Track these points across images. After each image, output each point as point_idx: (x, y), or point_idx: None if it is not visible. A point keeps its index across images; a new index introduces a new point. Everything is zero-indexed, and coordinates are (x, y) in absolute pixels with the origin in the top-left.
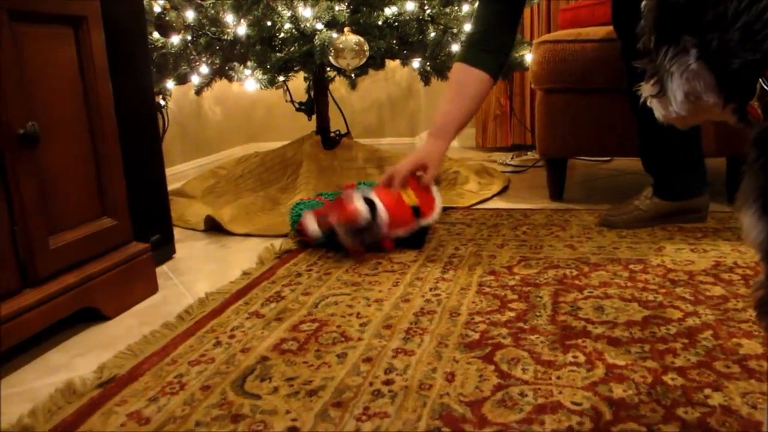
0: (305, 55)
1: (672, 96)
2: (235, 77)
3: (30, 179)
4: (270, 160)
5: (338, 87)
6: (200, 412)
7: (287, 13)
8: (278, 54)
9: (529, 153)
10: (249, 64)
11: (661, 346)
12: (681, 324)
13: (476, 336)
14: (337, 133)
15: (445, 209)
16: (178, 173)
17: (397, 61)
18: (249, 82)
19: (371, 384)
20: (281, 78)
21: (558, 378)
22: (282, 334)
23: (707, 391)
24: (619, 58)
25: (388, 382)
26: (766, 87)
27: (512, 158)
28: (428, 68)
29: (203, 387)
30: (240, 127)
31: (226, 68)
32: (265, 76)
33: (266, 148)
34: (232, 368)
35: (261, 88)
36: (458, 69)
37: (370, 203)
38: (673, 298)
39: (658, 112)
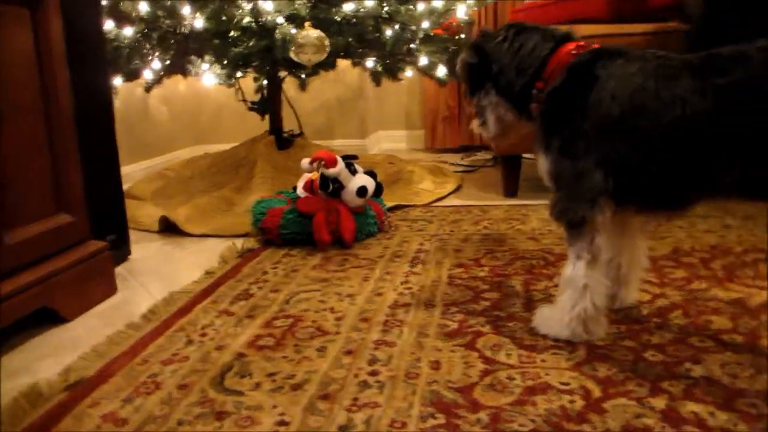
0: (264, 50)
1: (489, 123)
2: (193, 71)
3: None
4: (221, 161)
5: (288, 87)
6: (181, 410)
7: (247, 6)
8: (236, 49)
9: (478, 154)
10: (206, 58)
11: (637, 327)
12: (651, 305)
13: (455, 325)
14: (291, 133)
15: (403, 207)
16: (124, 175)
17: (348, 62)
18: (207, 76)
19: (356, 376)
20: (239, 74)
21: (543, 361)
22: (256, 331)
23: (687, 364)
24: None
25: (373, 373)
26: (534, 93)
27: (462, 158)
28: (380, 69)
29: (180, 386)
30: (187, 129)
31: (183, 63)
32: (224, 71)
33: (214, 149)
34: (208, 366)
35: (219, 84)
36: None
37: (350, 168)
38: (640, 282)
39: (485, 136)
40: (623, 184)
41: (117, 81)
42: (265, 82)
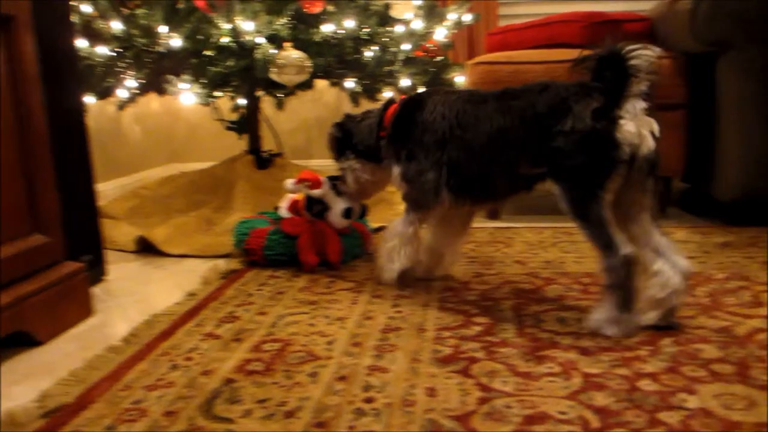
0: (244, 70)
1: (348, 181)
2: (169, 90)
3: None
4: (199, 179)
5: (265, 107)
6: None
7: (227, 26)
8: (215, 68)
9: None
10: (184, 77)
11: (629, 354)
12: (641, 332)
13: (449, 351)
14: (270, 153)
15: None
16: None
17: (325, 82)
18: (185, 95)
19: (351, 402)
20: (218, 93)
21: (539, 389)
22: (244, 355)
23: (682, 395)
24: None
25: (368, 400)
26: (381, 142)
27: None
28: (359, 89)
29: (166, 413)
30: (161, 147)
31: (159, 81)
32: (203, 90)
33: (189, 168)
34: (195, 392)
35: (198, 103)
36: None
37: (336, 189)
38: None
39: (347, 196)
40: (456, 180)
41: (89, 99)
42: (242, 101)
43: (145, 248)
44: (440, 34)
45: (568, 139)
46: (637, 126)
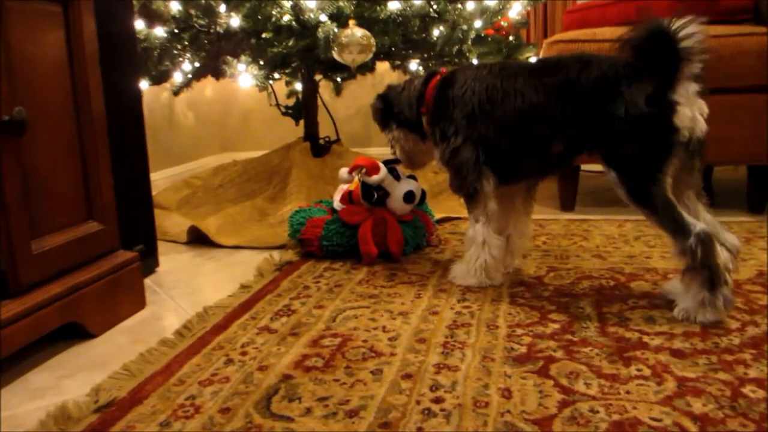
0: (305, 50)
1: (397, 150)
2: (228, 72)
3: (14, 173)
4: (252, 168)
5: (322, 92)
6: None
7: (288, 4)
8: (275, 48)
9: None
10: (243, 58)
11: (729, 357)
12: (742, 334)
13: (523, 349)
14: (327, 139)
15: (452, 219)
16: None
17: (387, 65)
18: (243, 77)
19: (418, 402)
20: (276, 75)
21: (628, 392)
22: (302, 350)
23: None
24: None
25: (437, 400)
26: (423, 117)
27: None
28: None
29: (222, 409)
30: (214, 135)
31: (218, 63)
32: (261, 72)
33: (242, 157)
34: (252, 388)
35: (257, 85)
36: None
37: (394, 173)
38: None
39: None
40: (486, 157)
41: (143, 84)
42: (298, 86)
43: (197, 239)
44: (515, 10)
45: (623, 125)
46: (692, 110)
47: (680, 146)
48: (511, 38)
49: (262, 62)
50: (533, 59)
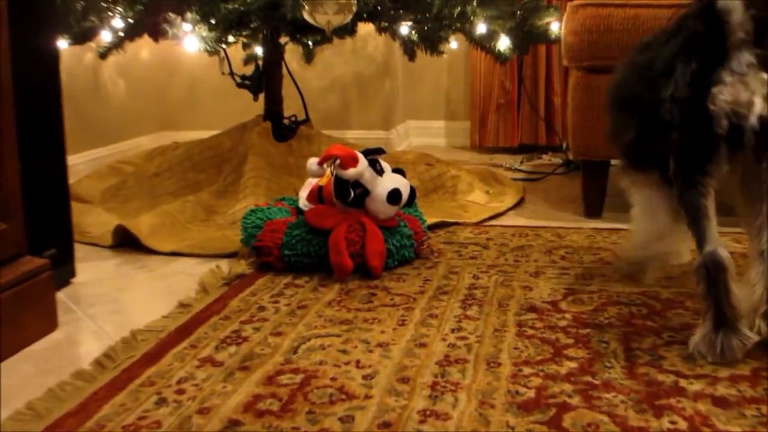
0: (267, 7)
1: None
2: (170, 33)
3: None
4: (198, 153)
5: (289, 59)
6: None
7: None
8: (230, 5)
9: (544, 156)
10: (189, 16)
11: None
12: None
13: (531, 393)
14: (293, 119)
15: (448, 225)
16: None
17: (371, 28)
18: (189, 39)
19: None
20: (231, 38)
21: None
22: (254, 389)
23: None
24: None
25: None
26: None
27: (522, 162)
28: (416, 37)
29: None
30: (150, 109)
31: (157, 21)
32: (212, 34)
33: (186, 138)
34: None
35: (206, 50)
36: None
37: (375, 166)
38: None
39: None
40: None
41: (61, 44)
42: (259, 50)
43: (126, 242)
44: None
45: (666, 109)
46: (739, 91)
47: (723, 141)
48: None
49: (213, 21)
50: (555, 26)
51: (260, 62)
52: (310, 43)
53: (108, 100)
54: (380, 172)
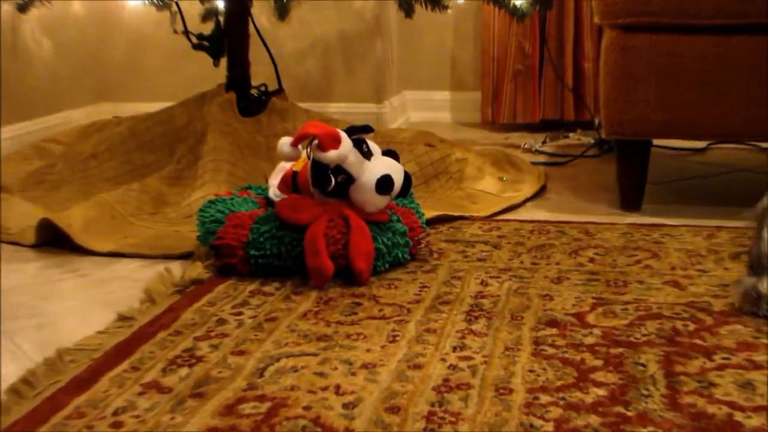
0: None
1: None
2: None
3: None
4: (145, 131)
5: (258, 15)
6: None
7: None
8: None
9: (571, 134)
10: None
11: None
12: None
13: (549, 427)
14: (263, 89)
15: (452, 219)
16: None
17: None
18: None
19: None
20: None
21: None
22: (210, 421)
23: None
24: None
25: None
26: None
27: (546, 141)
28: None
29: None
30: (84, 76)
31: None
32: None
33: (128, 111)
34: None
35: (153, 3)
36: None
37: (362, 147)
38: None
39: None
40: None
41: None
42: (220, 3)
43: (53, 240)
44: None
45: None
46: None
47: None
48: None
49: None
50: None
51: (221, 18)
52: None
53: (31, 63)
54: (368, 154)
